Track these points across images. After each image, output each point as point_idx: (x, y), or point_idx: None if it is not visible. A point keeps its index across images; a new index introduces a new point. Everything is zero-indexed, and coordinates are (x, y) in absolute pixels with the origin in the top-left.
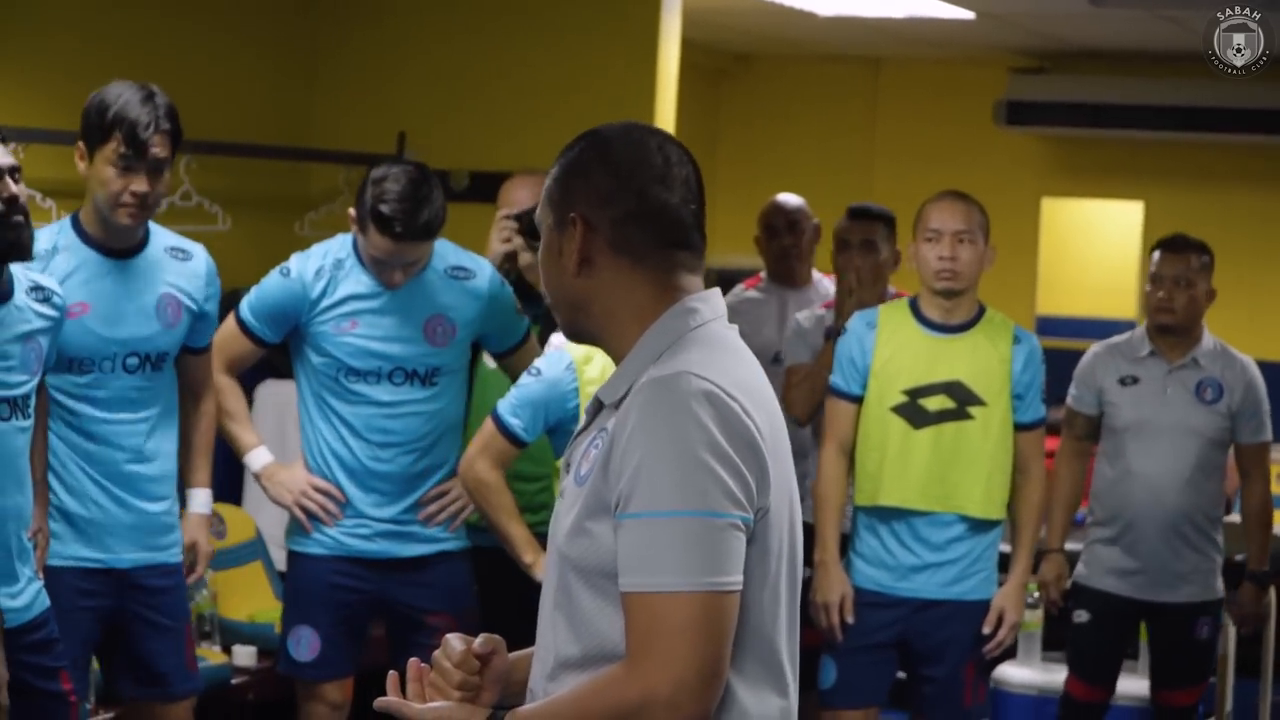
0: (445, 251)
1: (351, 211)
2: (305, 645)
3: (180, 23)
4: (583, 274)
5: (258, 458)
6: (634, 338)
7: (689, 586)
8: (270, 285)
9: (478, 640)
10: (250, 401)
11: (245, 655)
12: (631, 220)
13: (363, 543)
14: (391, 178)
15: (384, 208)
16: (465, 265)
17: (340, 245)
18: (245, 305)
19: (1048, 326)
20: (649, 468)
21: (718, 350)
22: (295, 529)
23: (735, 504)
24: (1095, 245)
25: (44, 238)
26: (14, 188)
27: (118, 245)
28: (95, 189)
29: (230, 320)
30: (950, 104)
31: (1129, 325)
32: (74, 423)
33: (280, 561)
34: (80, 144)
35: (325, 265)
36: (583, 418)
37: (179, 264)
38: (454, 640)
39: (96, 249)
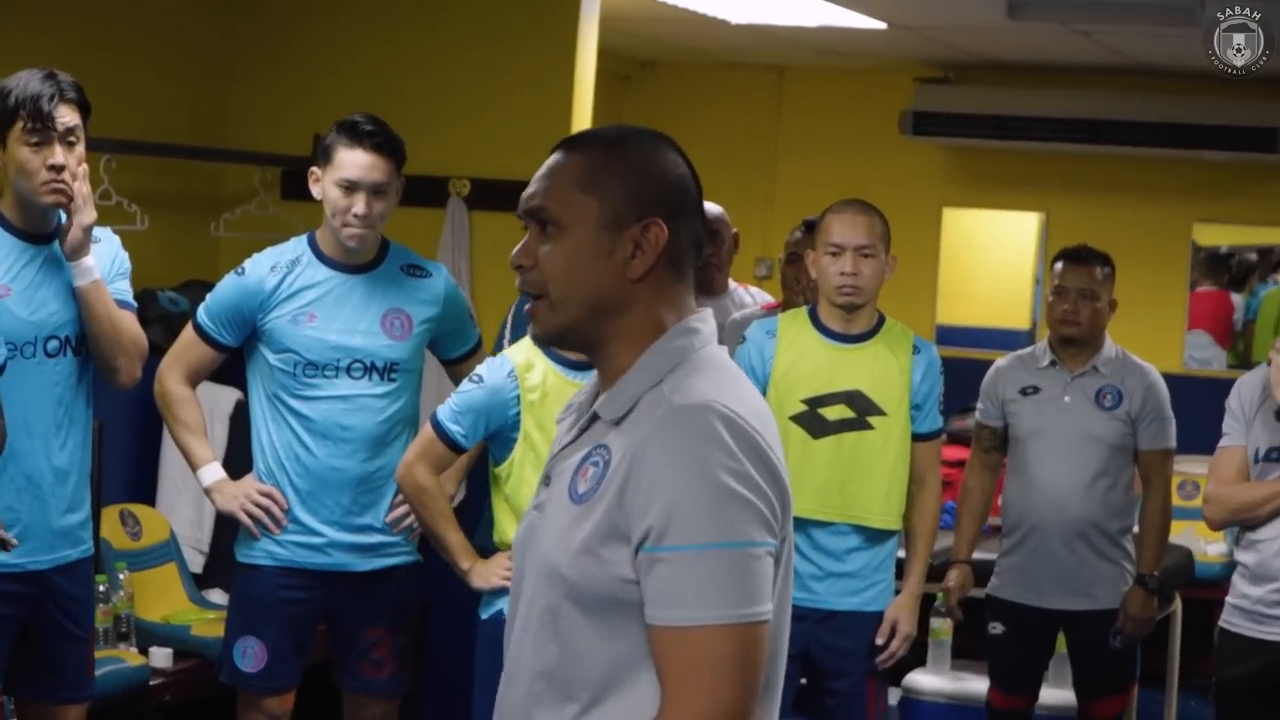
0: (400, 250)
1: (313, 170)
2: (251, 656)
3: (97, 23)
4: (641, 281)
5: (209, 473)
6: (636, 354)
7: (729, 619)
8: (225, 287)
9: None
10: None
11: (162, 657)
12: (691, 233)
13: (315, 555)
14: (354, 115)
15: (354, 120)
16: (420, 264)
17: (295, 245)
18: (202, 311)
19: (946, 336)
20: (683, 500)
21: (726, 376)
22: (244, 540)
23: (769, 531)
24: (990, 255)
25: None
26: None
27: (36, 231)
28: (15, 176)
29: (188, 329)
30: (855, 113)
31: (1024, 335)
32: None
33: (195, 564)
34: None
35: (280, 262)
36: (566, 431)
37: (93, 248)
38: None
39: (16, 235)
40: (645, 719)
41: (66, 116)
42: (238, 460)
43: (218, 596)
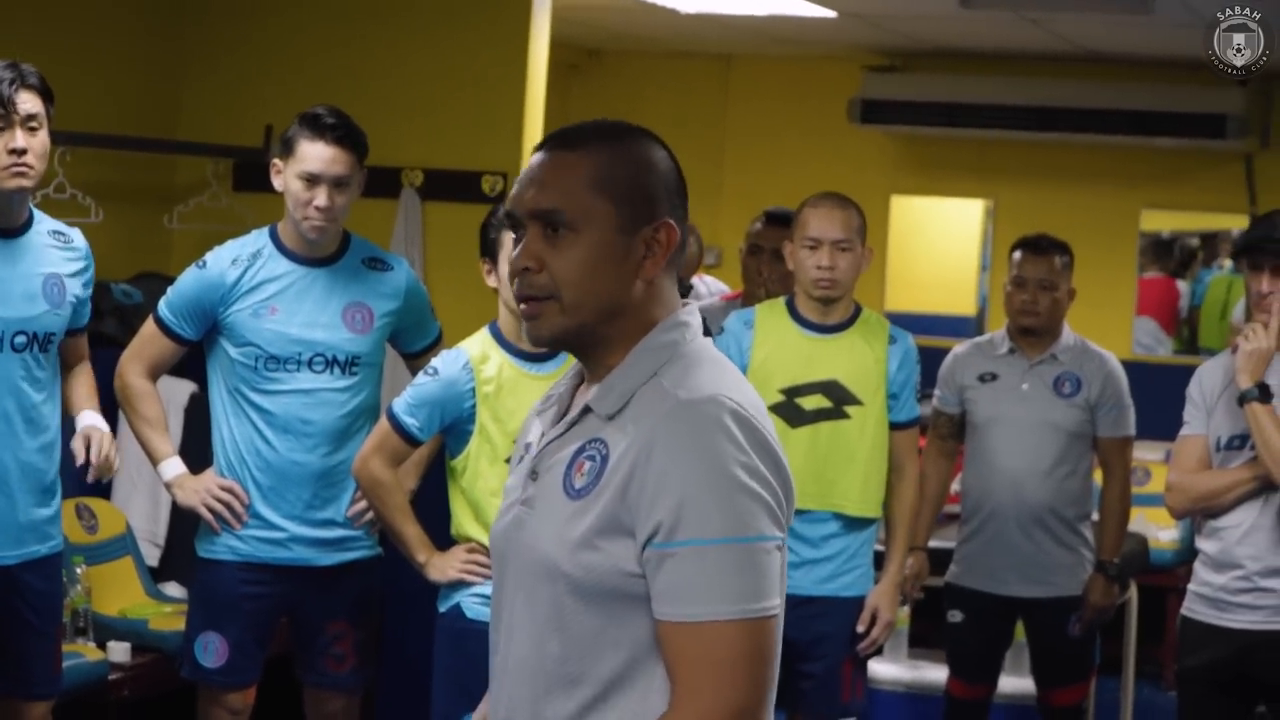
0: (361, 244)
1: (275, 162)
2: (213, 652)
3: (49, 14)
4: (653, 283)
5: (170, 467)
6: (627, 348)
7: (742, 614)
8: (186, 280)
9: None
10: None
11: (120, 651)
12: (684, 228)
13: (276, 550)
14: (316, 107)
15: (316, 113)
16: (382, 258)
17: (256, 237)
18: (163, 304)
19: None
20: (695, 495)
21: (722, 369)
22: (205, 535)
23: (777, 524)
24: (935, 242)
25: None
26: None
27: (2, 225)
28: None
29: (148, 323)
30: (803, 101)
31: (970, 321)
32: None
33: (151, 558)
34: None
35: (242, 255)
36: (551, 425)
37: (61, 248)
38: None
39: None
40: (653, 713)
41: (28, 103)
42: (192, 453)
43: (174, 590)
